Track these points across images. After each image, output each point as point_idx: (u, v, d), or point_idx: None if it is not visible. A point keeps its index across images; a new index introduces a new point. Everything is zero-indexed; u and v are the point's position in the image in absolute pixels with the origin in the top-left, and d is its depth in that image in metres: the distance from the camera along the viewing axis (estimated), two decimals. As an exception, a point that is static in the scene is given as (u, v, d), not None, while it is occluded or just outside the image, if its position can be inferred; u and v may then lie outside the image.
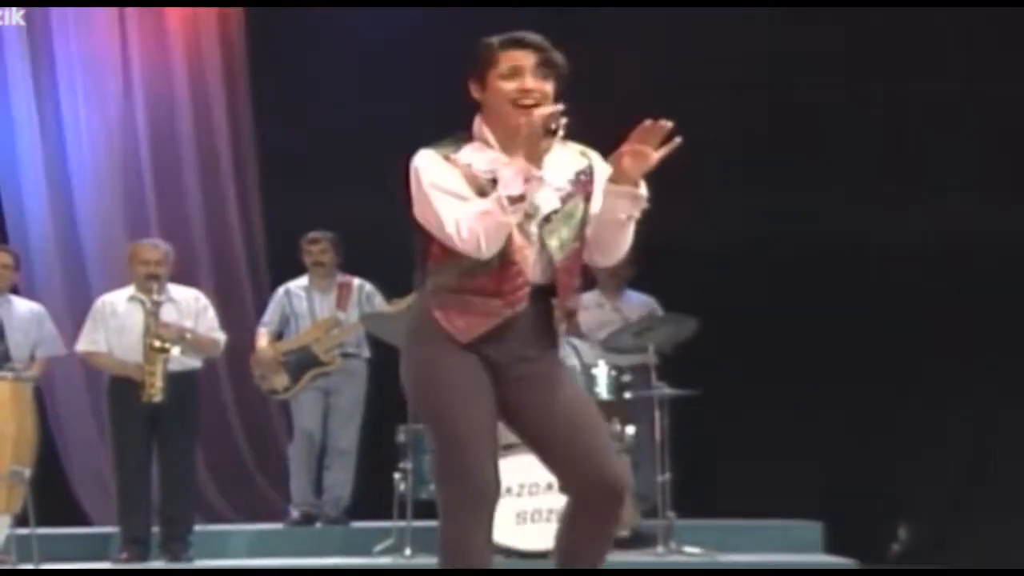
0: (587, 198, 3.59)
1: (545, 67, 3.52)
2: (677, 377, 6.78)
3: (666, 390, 6.68)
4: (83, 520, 7.99)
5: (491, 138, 3.57)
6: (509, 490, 6.30)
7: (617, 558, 5.52)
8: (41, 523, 6.39)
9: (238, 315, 8.02)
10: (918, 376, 7.27)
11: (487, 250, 3.41)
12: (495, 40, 3.58)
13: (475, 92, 3.60)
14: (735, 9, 7.85)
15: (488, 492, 3.47)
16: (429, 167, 3.50)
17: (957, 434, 7.19)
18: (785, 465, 7.43)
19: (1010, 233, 7.18)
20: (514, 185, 3.39)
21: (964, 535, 6.90)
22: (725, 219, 7.82)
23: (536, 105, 3.47)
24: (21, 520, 6.35)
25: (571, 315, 3.67)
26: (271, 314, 7.62)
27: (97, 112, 8.56)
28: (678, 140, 3.43)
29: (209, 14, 8.80)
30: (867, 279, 7.62)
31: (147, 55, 8.68)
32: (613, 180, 3.49)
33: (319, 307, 7.54)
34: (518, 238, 3.47)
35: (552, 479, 4.08)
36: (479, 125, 3.61)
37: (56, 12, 8.52)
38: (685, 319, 6.78)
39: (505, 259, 3.46)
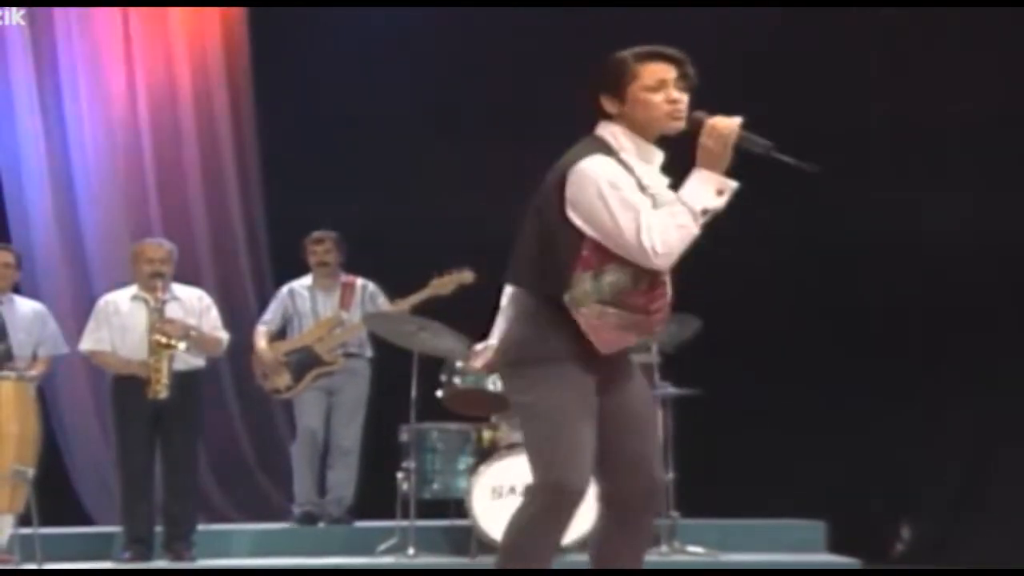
0: None
1: (684, 80, 3.58)
2: (680, 376, 6.78)
3: (670, 389, 6.68)
4: (86, 520, 7.99)
5: (636, 153, 3.59)
6: (513, 489, 6.31)
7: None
8: (44, 523, 6.38)
9: (241, 315, 8.02)
10: (921, 375, 7.27)
11: (671, 262, 3.47)
12: (629, 54, 3.60)
13: (610, 106, 3.59)
14: (734, 9, 7.85)
15: (574, 492, 3.49)
16: (608, 172, 3.49)
17: (960, 433, 7.19)
18: (788, 464, 7.43)
19: (1011, 232, 7.18)
20: (708, 196, 3.45)
21: (967, 535, 6.90)
22: (728, 218, 7.80)
23: (678, 117, 3.55)
24: (24, 520, 6.34)
25: None
26: (272, 313, 7.62)
27: (100, 112, 8.56)
28: None
29: (212, 14, 8.80)
30: (869, 279, 7.63)
31: (150, 55, 8.68)
32: None
33: (322, 307, 7.53)
34: None
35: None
36: (624, 136, 3.59)
37: (59, 12, 8.52)
38: (688, 319, 6.76)
39: (657, 279, 3.50)
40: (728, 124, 3.48)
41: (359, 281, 7.58)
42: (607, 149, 3.56)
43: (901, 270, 7.51)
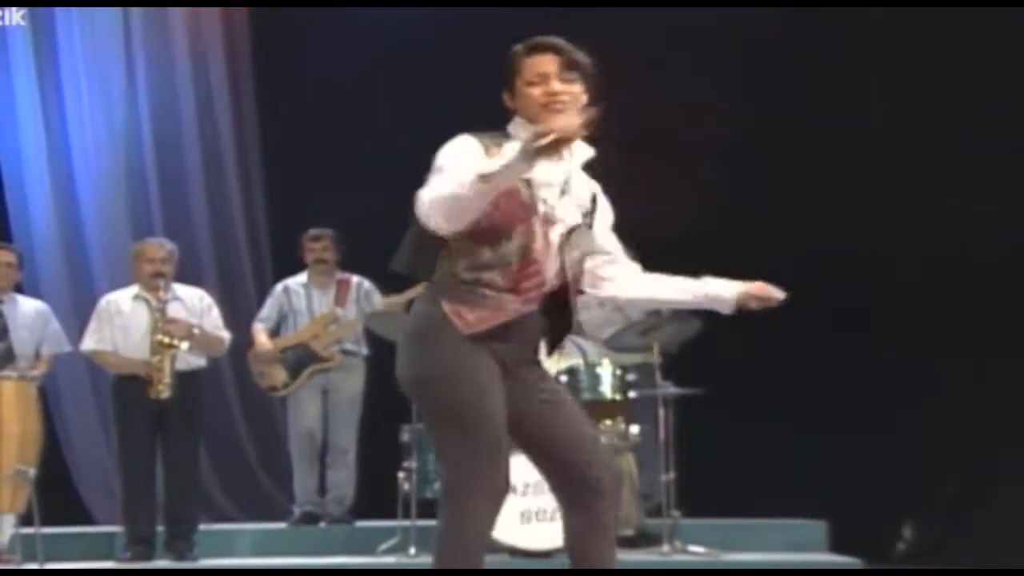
0: (590, 225, 3.60)
1: (569, 69, 3.50)
2: (682, 376, 6.78)
3: (671, 389, 6.67)
4: (88, 519, 8.00)
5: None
6: (514, 489, 6.28)
7: (621, 557, 5.49)
8: (46, 522, 6.39)
9: (242, 314, 8.02)
10: (922, 375, 7.27)
11: (446, 225, 3.31)
12: (520, 47, 3.55)
13: (508, 102, 3.57)
14: (739, 9, 7.85)
15: (503, 488, 3.45)
16: (455, 149, 3.46)
17: (961, 433, 7.19)
18: (789, 464, 7.43)
19: (1011, 232, 7.19)
20: (491, 164, 3.29)
21: (968, 534, 6.90)
22: (730, 218, 7.82)
23: (558, 110, 3.44)
24: (26, 519, 6.35)
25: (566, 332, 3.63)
26: (268, 310, 7.62)
27: (101, 111, 8.57)
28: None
29: (213, 14, 8.81)
30: (870, 278, 7.62)
31: (151, 55, 8.70)
32: (719, 296, 3.86)
33: (318, 304, 7.54)
34: (540, 239, 3.45)
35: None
36: (523, 126, 3.52)
37: (60, 12, 8.53)
38: (690, 318, 6.75)
39: (526, 257, 3.44)
40: (539, 129, 3.27)
41: (355, 279, 7.59)
42: (500, 136, 3.52)
43: (902, 270, 7.51)
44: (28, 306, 7.03)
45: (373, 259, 7.61)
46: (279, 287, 7.66)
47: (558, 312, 3.56)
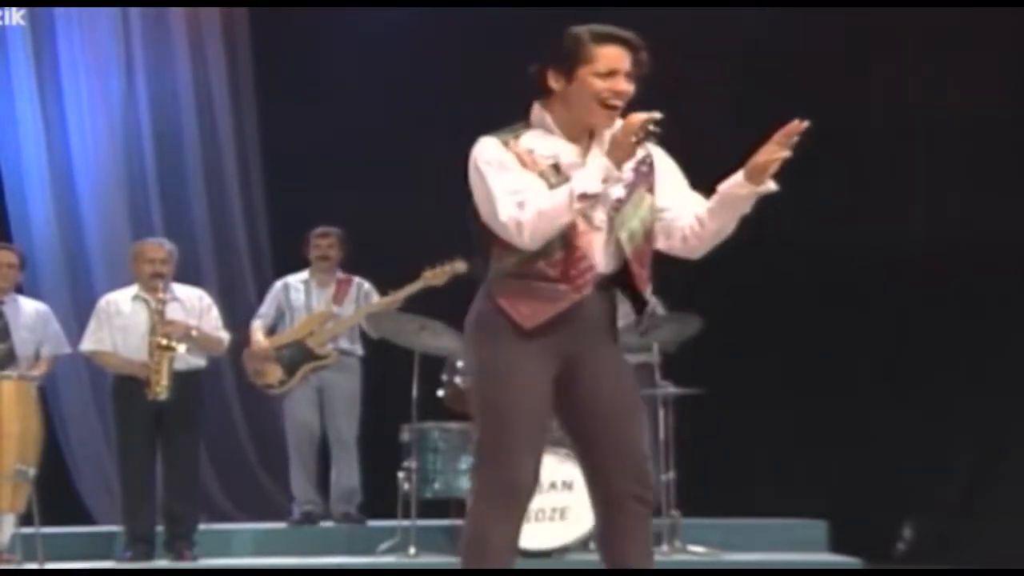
0: (650, 189, 3.58)
1: (636, 68, 3.52)
2: (681, 376, 6.78)
3: (670, 389, 6.68)
4: (88, 519, 7.99)
5: (555, 126, 3.55)
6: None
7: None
8: (46, 522, 6.39)
9: (242, 314, 8.00)
10: (923, 374, 7.27)
11: (532, 244, 3.41)
12: (586, 33, 3.53)
13: (554, 82, 3.53)
14: (735, 9, 7.84)
15: (520, 487, 3.45)
16: (486, 152, 3.50)
17: (963, 433, 7.18)
18: (790, 464, 7.43)
19: (1013, 233, 7.18)
20: (591, 182, 3.38)
21: (969, 534, 6.90)
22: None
23: (617, 108, 3.48)
24: (26, 519, 6.35)
25: (643, 307, 3.60)
26: (267, 307, 7.61)
27: (101, 112, 8.56)
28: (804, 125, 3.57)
29: (213, 13, 8.81)
30: (871, 278, 7.62)
31: (151, 55, 8.69)
32: (748, 178, 3.60)
33: (316, 301, 7.53)
34: (581, 224, 3.45)
35: (554, 479, 3.98)
36: (540, 113, 3.57)
37: (59, 12, 8.53)
38: (690, 318, 6.77)
39: (569, 244, 3.45)
40: (639, 118, 3.41)
41: (355, 279, 7.59)
42: (515, 128, 3.57)
43: (902, 268, 7.51)
44: (29, 307, 7.03)
45: (373, 259, 7.67)
46: (278, 284, 7.66)
47: (628, 291, 3.55)
